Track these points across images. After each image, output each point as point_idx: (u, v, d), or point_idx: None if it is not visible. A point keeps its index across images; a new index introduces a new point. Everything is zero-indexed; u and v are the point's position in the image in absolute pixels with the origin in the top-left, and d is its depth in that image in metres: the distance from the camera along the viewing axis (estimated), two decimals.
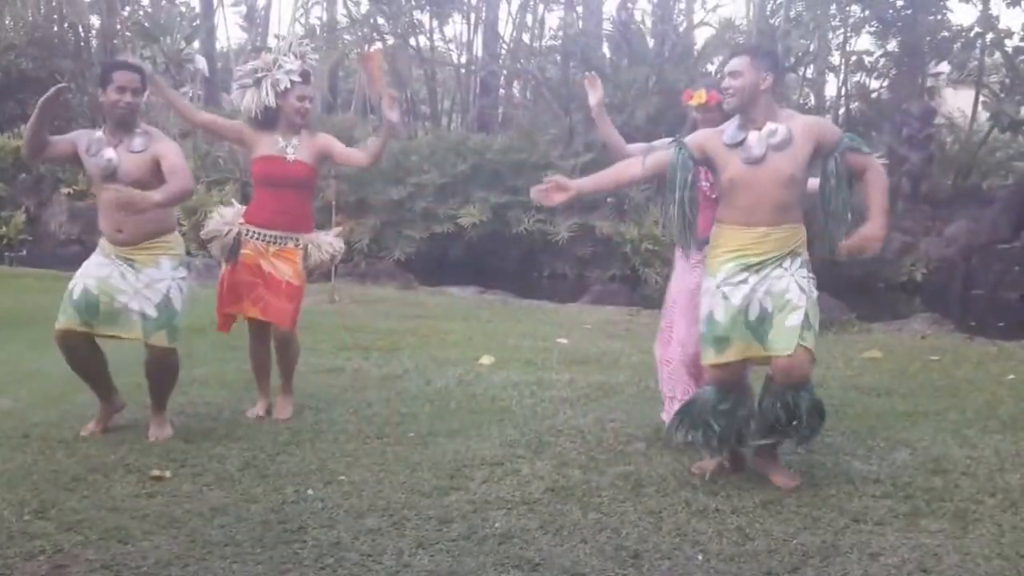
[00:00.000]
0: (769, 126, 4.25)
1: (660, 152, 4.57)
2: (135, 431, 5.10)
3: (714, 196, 4.85)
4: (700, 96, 4.99)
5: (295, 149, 5.34)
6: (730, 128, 4.36)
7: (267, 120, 5.35)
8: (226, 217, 5.43)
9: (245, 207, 5.49)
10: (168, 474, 4.42)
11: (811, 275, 4.35)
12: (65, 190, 19.79)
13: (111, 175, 4.84)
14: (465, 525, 3.87)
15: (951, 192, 16.91)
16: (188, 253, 4.75)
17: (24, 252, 18.16)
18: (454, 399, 5.98)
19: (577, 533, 3.82)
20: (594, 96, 5.19)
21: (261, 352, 5.60)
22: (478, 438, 5.08)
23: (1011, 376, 6.88)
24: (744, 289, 4.26)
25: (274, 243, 5.34)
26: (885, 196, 4.37)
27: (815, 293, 4.32)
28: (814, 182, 4.48)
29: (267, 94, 5.28)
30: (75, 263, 4.91)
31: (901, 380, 6.69)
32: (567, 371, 6.91)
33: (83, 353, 4.99)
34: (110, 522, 3.83)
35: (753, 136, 4.26)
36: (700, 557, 3.62)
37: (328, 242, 5.49)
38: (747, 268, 4.27)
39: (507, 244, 16.48)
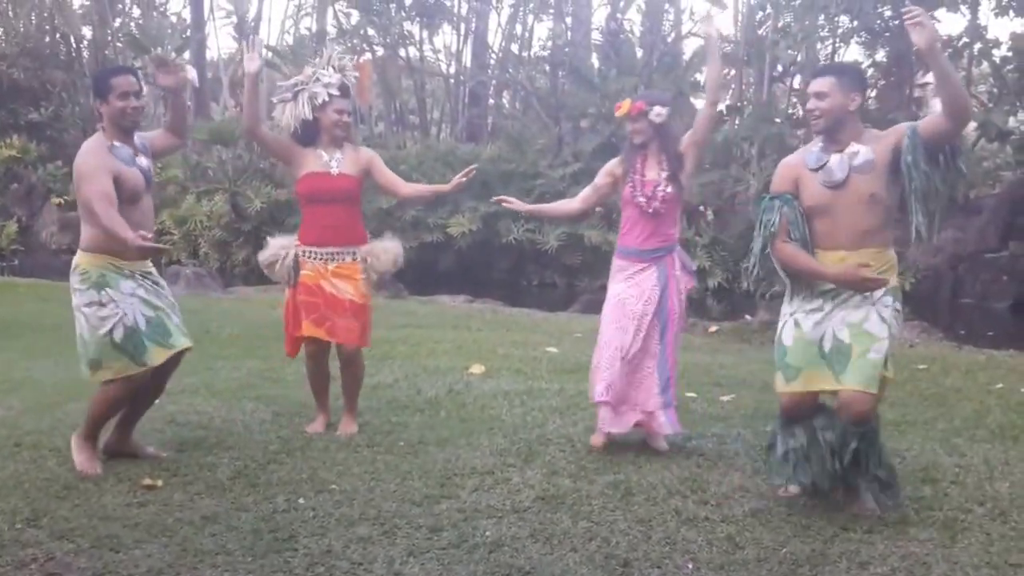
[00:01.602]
0: (851, 147, 4.04)
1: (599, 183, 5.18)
2: None
3: (650, 211, 4.94)
4: (624, 107, 5.02)
5: (339, 163, 5.29)
6: (814, 151, 4.15)
7: (308, 135, 5.30)
8: (282, 241, 5.39)
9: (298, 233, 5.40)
10: (159, 483, 4.42)
11: (899, 307, 4.12)
12: (56, 200, 19.79)
13: (150, 183, 4.72)
14: (455, 533, 3.88)
15: None
16: (178, 262, 4.76)
17: (16, 262, 18.21)
18: (444, 408, 5.98)
19: (567, 541, 3.83)
20: (519, 206, 5.45)
21: (320, 373, 5.53)
22: (468, 447, 5.09)
23: (999, 385, 6.90)
24: (817, 317, 4.07)
25: (332, 260, 5.28)
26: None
27: (896, 326, 4.09)
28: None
29: (304, 107, 5.24)
30: (66, 273, 4.76)
31: (889, 389, 6.67)
32: (557, 380, 6.92)
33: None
34: (102, 530, 3.84)
35: (835, 159, 4.05)
36: (690, 566, 3.63)
37: (385, 248, 5.42)
38: (823, 294, 4.10)
39: (497, 253, 16.52)
